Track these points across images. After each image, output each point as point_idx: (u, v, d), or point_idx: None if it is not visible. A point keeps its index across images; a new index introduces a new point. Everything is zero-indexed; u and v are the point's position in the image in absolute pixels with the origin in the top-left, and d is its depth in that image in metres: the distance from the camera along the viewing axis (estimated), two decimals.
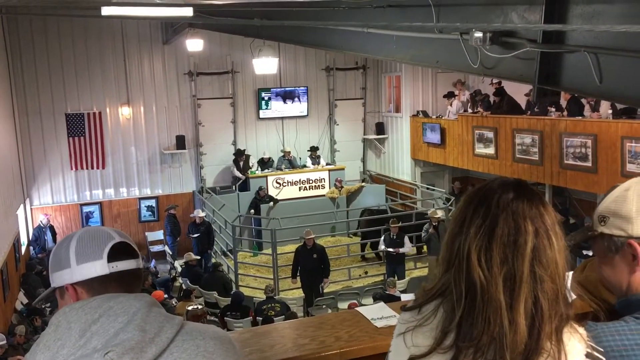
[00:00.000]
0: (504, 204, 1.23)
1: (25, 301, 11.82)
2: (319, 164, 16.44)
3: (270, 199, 15.32)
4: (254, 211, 15.01)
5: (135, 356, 1.20)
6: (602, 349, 1.27)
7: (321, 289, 11.57)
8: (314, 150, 16.53)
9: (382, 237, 12.56)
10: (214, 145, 16.46)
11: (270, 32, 10.28)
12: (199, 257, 13.26)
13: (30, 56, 14.70)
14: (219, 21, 10.20)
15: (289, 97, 16.85)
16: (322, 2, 7.55)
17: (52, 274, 1.46)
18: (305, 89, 16.89)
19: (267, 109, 16.67)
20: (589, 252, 1.61)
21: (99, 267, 1.41)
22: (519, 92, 12.22)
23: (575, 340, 1.23)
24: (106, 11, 8.24)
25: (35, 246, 14.12)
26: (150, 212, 16.11)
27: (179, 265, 13.71)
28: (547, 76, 4.79)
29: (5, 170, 12.30)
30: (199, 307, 9.10)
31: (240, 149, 16.11)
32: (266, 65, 13.91)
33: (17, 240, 12.84)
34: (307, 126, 17.23)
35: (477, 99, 13.93)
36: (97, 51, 15.20)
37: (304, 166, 16.49)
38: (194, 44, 14.11)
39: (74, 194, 15.54)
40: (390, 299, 9.32)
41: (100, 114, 15.38)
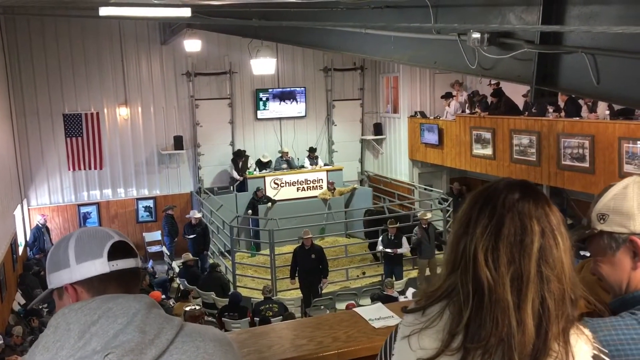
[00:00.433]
0: (510, 204, 1.23)
1: (22, 302, 11.80)
2: (316, 165, 16.44)
3: (268, 199, 15.31)
4: (251, 212, 15.00)
5: (135, 358, 1.20)
6: (598, 343, 1.27)
7: (320, 290, 11.57)
8: (312, 151, 16.53)
9: (380, 238, 12.57)
10: (211, 145, 16.44)
11: (268, 33, 10.27)
12: (197, 258, 13.27)
13: (27, 56, 14.67)
14: (217, 22, 10.19)
15: (287, 97, 16.84)
16: (320, 3, 7.54)
17: (49, 274, 1.45)
18: (303, 89, 16.89)
19: (265, 109, 16.66)
20: (586, 253, 1.61)
21: (99, 266, 1.40)
22: (517, 93, 12.23)
23: (582, 341, 1.23)
24: (104, 11, 8.22)
25: (33, 247, 14.10)
26: (147, 213, 16.09)
27: (176, 265, 13.70)
28: (544, 77, 4.79)
29: (2, 170, 12.27)
30: (197, 307, 9.11)
31: (240, 150, 16.10)
32: (264, 65, 13.90)
33: (15, 240, 12.82)
34: (305, 127, 17.22)
35: (474, 99, 13.94)
36: (95, 51, 15.17)
37: (302, 167, 16.49)
38: (192, 45, 14.10)
39: (72, 194, 15.51)
40: (388, 300, 9.33)
41: (97, 114, 15.35)
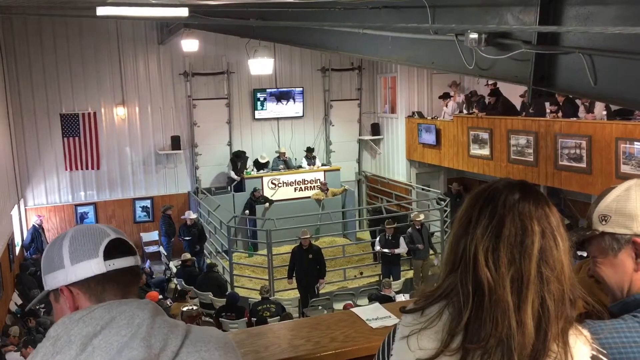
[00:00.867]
0: (510, 205, 1.23)
1: (19, 302, 11.78)
2: (314, 165, 16.44)
3: (265, 199, 15.30)
4: (249, 212, 14.99)
5: None
6: (600, 346, 1.27)
7: (317, 290, 11.56)
8: (309, 151, 16.52)
9: (378, 238, 12.58)
10: (209, 145, 16.42)
11: (265, 33, 10.26)
12: (194, 258, 13.26)
13: (24, 56, 14.63)
14: (215, 21, 10.17)
15: (285, 97, 16.83)
16: (318, 3, 7.54)
17: (45, 275, 1.40)
18: (300, 89, 16.88)
19: (262, 109, 16.64)
20: (584, 253, 1.61)
21: (95, 266, 1.34)
22: (514, 93, 12.25)
23: (580, 342, 1.23)
24: (101, 11, 8.20)
25: (30, 247, 14.06)
26: (145, 213, 16.07)
27: (173, 266, 13.69)
28: (542, 77, 4.79)
29: None
30: (194, 308, 9.11)
31: (240, 151, 16.08)
32: (262, 65, 13.89)
33: (12, 240, 12.80)
34: (302, 127, 17.21)
35: (472, 99, 13.96)
36: (92, 51, 15.14)
37: (300, 167, 16.49)
38: (190, 45, 14.08)
39: (69, 194, 15.48)
40: (385, 300, 9.33)
41: (95, 114, 15.33)
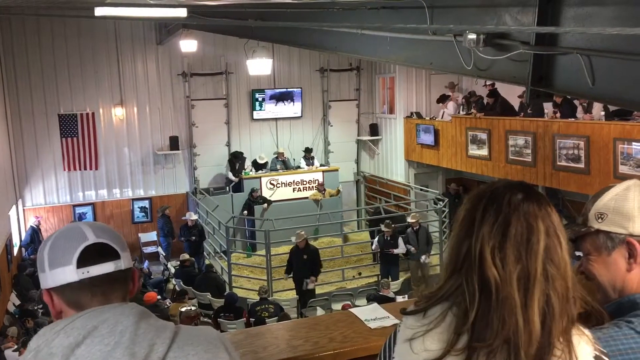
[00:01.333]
0: (514, 204, 1.24)
1: (17, 302, 11.76)
2: (312, 165, 16.43)
3: (263, 200, 15.30)
4: (247, 212, 14.98)
5: None
6: (599, 344, 1.28)
7: (305, 284, 11.50)
8: (308, 151, 16.52)
9: (376, 238, 12.58)
10: (207, 146, 16.41)
11: (264, 33, 10.26)
12: (193, 259, 13.24)
13: (23, 56, 14.61)
14: (213, 22, 10.16)
15: (283, 98, 16.83)
16: (316, 4, 7.54)
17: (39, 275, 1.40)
18: (299, 90, 16.88)
19: (261, 110, 16.64)
20: (581, 253, 1.61)
21: (69, 274, 1.28)
22: (512, 94, 12.26)
23: (583, 342, 1.24)
24: (99, 12, 8.19)
25: (28, 247, 14.04)
26: (143, 213, 16.05)
27: (172, 266, 13.68)
28: (540, 78, 4.80)
29: None
30: (193, 308, 9.11)
31: (238, 152, 16.07)
32: (260, 66, 13.88)
33: (9, 241, 12.78)
34: (301, 127, 17.21)
35: (471, 100, 13.97)
36: (91, 52, 15.13)
37: (298, 167, 16.49)
38: (188, 45, 14.07)
39: (67, 194, 15.47)
40: (384, 300, 9.33)
41: (93, 114, 15.31)
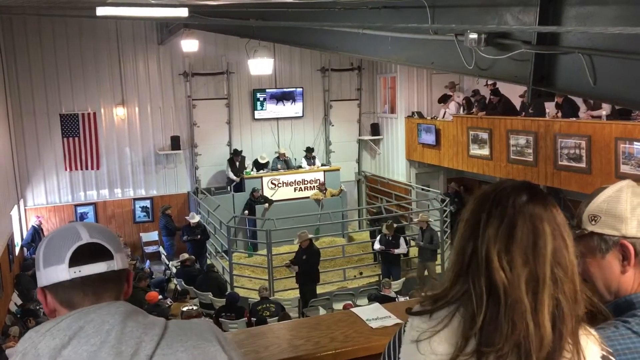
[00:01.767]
0: (519, 207, 1.22)
1: (19, 302, 11.78)
2: (314, 165, 16.43)
3: (265, 199, 15.29)
4: (248, 212, 14.99)
5: None
6: (605, 344, 1.28)
7: (289, 265, 11.73)
8: (309, 151, 16.52)
9: (378, 238, 12.58)
10: (209, 146, 16.42)
11: (265, 33, 10.26)
12: (194, 258, 13.25)
13: (24, 57, 14.62)
14: (214, 22, 10.17)
15: (285, 98, 16.83)
16: (318, 3, 7.54)
17: None
18: (300, 89, 16.88)
19: (262, 109, 16.64)
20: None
21: (61, 273, 1.30)
22: (514, 93, 12.25)
23: (591, 342, 1.23)
24: (101, 11, 8.20)
25: (29, 247, 14.06)
26: (144, 213, 16.06)
27: (173, 266, 13.68)
28: (541, 77, 4.79)
29: None
30: (194, 308, 9.11)
31: (236, 150, 16.08)
32: (261, 66, 13.87)
33: (11, 241, 12.79)
34: (302, 127, 17.21)
35: (473, 99, 13.96)
36: (92, 52, 15.14)
37: (299, 167, 16.48)
38: (189, 45, 14.07)
39: (68, 194, 15.48)
40: (385, 300, 9.33)
41: (94, 114, 15.33)
